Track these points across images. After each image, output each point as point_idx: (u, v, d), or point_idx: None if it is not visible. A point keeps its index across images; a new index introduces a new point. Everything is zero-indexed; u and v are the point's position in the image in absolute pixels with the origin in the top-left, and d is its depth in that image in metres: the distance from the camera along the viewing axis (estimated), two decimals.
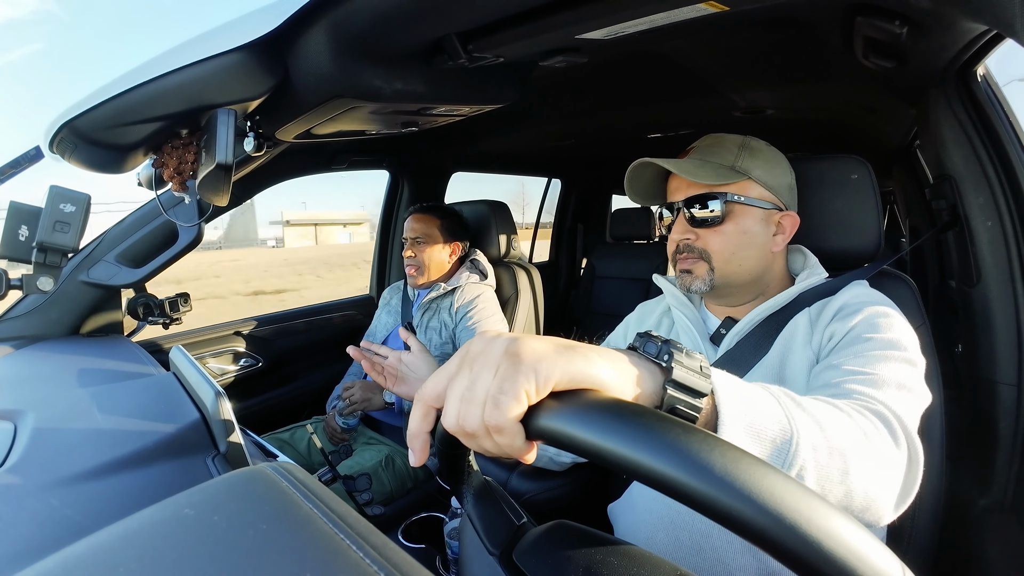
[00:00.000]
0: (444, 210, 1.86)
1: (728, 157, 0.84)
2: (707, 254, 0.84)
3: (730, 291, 0.87)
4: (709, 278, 0.85)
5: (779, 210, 0.86)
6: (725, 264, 0.84)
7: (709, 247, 0.84)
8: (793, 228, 0.86)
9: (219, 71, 0.74)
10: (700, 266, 0.85)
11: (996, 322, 0.97)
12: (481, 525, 0.51)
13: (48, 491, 0.62)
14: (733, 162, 0.84)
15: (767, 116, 1.71)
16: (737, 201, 0.82)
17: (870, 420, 0.55)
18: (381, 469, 1.52)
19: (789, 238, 0.86)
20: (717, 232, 0.83)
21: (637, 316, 1.06)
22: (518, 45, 0.81)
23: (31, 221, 0.97)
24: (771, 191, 0.85)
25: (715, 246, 0.84)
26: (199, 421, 0.80)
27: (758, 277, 0.86)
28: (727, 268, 0.84)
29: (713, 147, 0.87)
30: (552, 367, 0.34)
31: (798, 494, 0.29)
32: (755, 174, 0.84)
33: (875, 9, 0.78)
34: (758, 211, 0.84)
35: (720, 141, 0.87)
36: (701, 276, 0.85)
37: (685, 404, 0.39)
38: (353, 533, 0.35)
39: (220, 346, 1.84)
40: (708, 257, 0.84)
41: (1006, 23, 0.56)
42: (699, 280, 0.85)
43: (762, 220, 0.84)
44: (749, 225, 0.83)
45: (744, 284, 0.86)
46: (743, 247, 0.83)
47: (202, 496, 0.39)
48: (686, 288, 0.88)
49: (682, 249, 0.87)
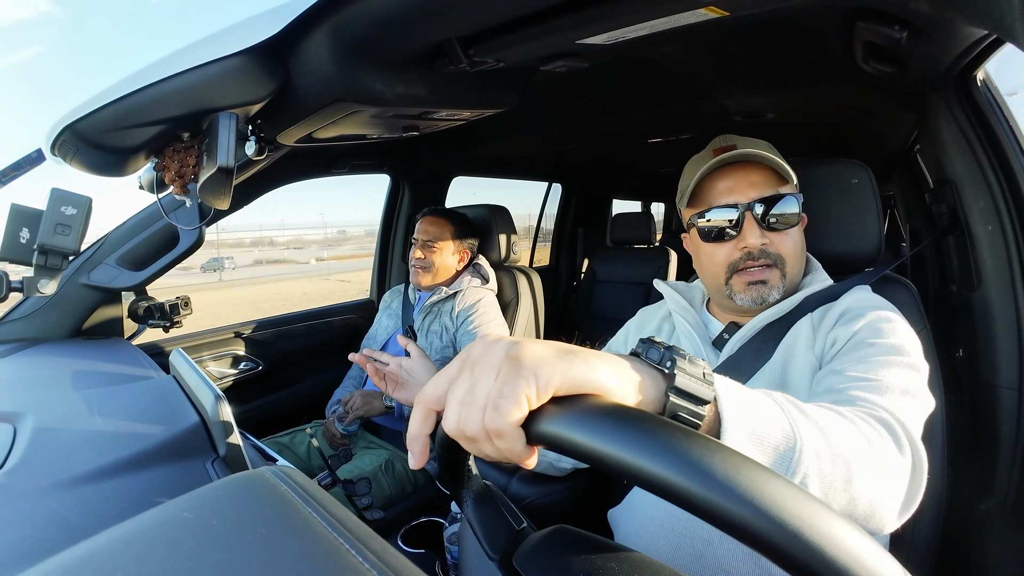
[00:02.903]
0: (456, 215, 1.88)
1: (775, 158, 0.80)
2: (781, 260, 0.80)
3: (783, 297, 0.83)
4: (781, 285, 0.80)
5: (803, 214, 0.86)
6: (793, 269, 0.81)
7: (783, 252, 0.80)
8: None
9: (221, 75, 0.75)
10: (773, 274, 0.80)
11: (997, 326, 0.97)
12: (481, 530, 0.51)
13: (47, 494, 0.62)
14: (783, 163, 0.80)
15: (767, 120, 1.71)
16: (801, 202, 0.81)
17: (874, 427, 0.54)
18: (381, 473, 1.52)
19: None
20: (788, 235, 0.80)
21: (638, 321, 1.06)
22: (519, 49, 0.81)
23: (32, 223, 0.98)
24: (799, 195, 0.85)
25: (788, 250, 0.80)
26: (199, 424, 0.80)
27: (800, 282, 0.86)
28: (793, 272, 0.81)
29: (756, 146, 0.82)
30: (553, 371, 0.34)
31: (801, 500, 0.29)
32: (793, 178, 0.84)
33: (875, 14, 0.78)
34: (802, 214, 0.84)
35: (754, 142, 0.83)
36: (775, 285, 0.80)
37: (687, 411, 0.38)
38: (352, 538, 0.35)
39: (220, 349, 1.84)
40: (782, 263, 0.80)
41: (1006, 28, 0.56)
42: (775, 290, 0.80)
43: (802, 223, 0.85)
44: (801, 229, 0.83)
45: (791, 291, 0.84)
46: (802, 250, 0.83)
47: (201, 500, 0.39)
48: (761, 301, 0.80)
49: (756, 256, 0.79)
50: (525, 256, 3.66)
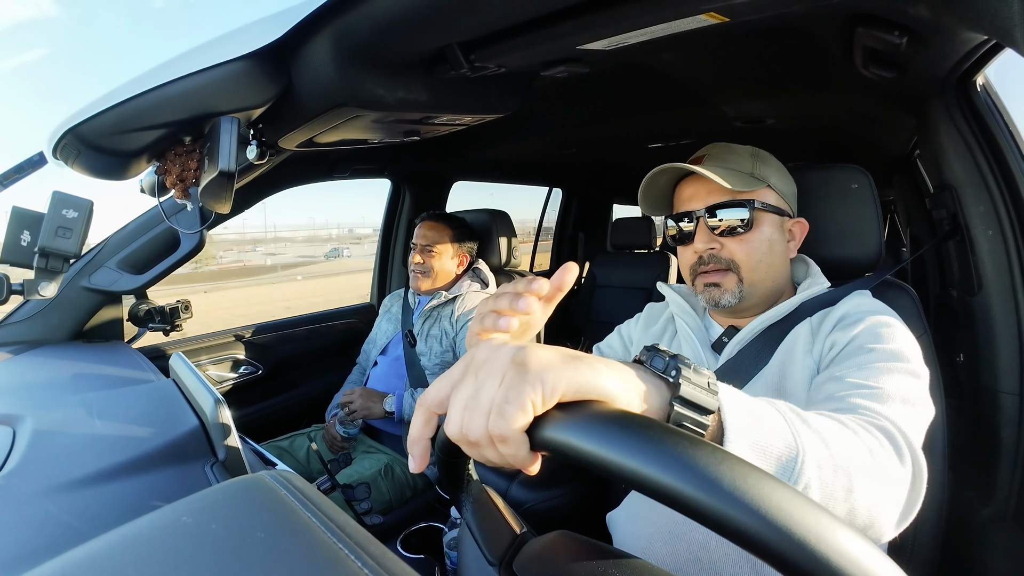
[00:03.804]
0: (455, 219, 1.89)
1: (745, 164, 0.84)
2: (735, 264, 0.82)
3: (753, 302, 0.85)
4: (738, 290, 0.82)
5: (790, 217, 0.87)
6: (752, 274, 0.82)
7: (736, 257, 0.82)
8: (803, 235, 0.88)
9: (223, 79, 0.75)
10: (728, 278, 0.83)
11: (997, 331, 0.97)
12: (481, 535, 0.51)
13: (46, 496, 0.62)
14: (751, 169, 0.84)
15: (768, 126, 1.71)
16: (761, 208, 0.82)
17: (875, 437, 0.54)
18: (380, 478, 1.51)
19: (799, 245, 0.88)
20: (743, 240, 0.82)
21: (645, 316, 1.05)
22: (520, 55, 0.81)
23: (33, 226, 0.98)
24: (784, 198, 0.87)
25: (742, 255, 0.82)
26: (198, 428, 0.80)
27: (780, 285, 0.86)
28: (754, 277, 0.83)
29: (725, 155, 0.86)
30: (559, 377, 0.34)
31: (806, 509, 0.29)
32: (772, 181, 0.85)
33: (875, 19, 0.78)
34: (776, 218, 0.85)
35: (731, 149, 0.87)
36: (730, 289, 0.83)
37: (692, 421, 0.38)
38: (351, 542, 0.35)
39: (220, 353, 1.84)
40: (736, 268, 0.82)
41: (1005, 33, 0.56)
42: (728, 294, 0.83)
43: (779, 227, 0.85)
44: (771, 232, 0.83)
45: (767, 293, 0.85)
46: (767, 255, 0.83)
47: (200, 504, 0.38)
48: (714, 303, 0.84)
49: (707, 260, 0.84)
50: (525, 261, 3.66)
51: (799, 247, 0.88)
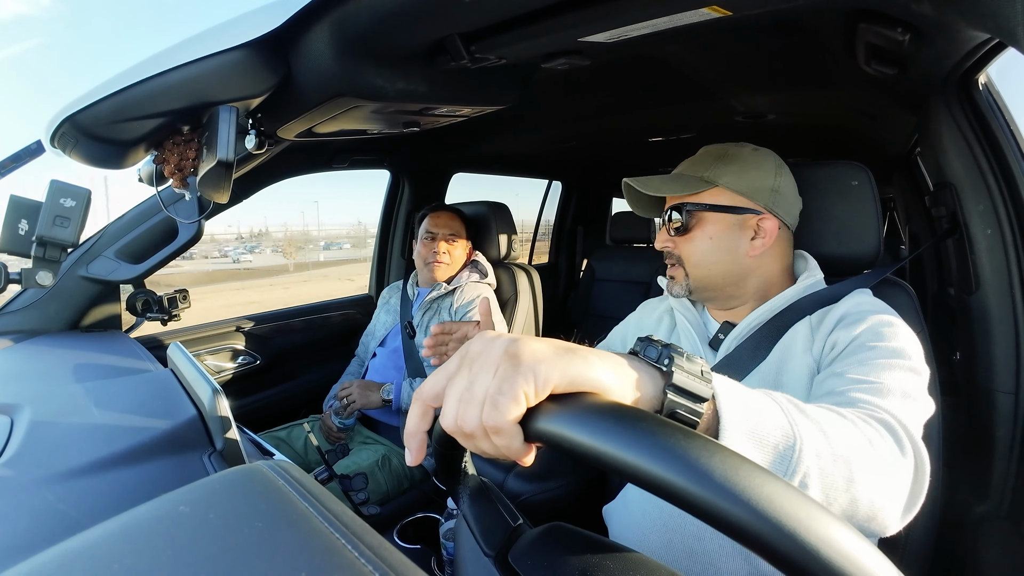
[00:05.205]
0: (464, 212, 1.92)
1: (700, 168, 0.88)
2: (681, 260, 0.90)
3: (711, 295, 0.90)
4: (686, 283, 0.90)
5: (755, 214, 0.85)
6: (695, 269, 0.88)
7: (682, 253, 0.89)
8: (774, 231, 0.85)
9: (222, 68, 0.74)
10: (678, 271, 0.91)
11: (994, 330, 0.97)
12: (477, 526, 0.51)
13: (44, 486, 0.62)
14: (703, 172, 0.87)
15: (768, 121, 1.71)
16: (700, 209, 0.86)
17: (875, 428, 0.54)
18: (377, 469, 1.52)
19: (771, 241, 0.85)
20: (687, 239, 0.88)
21: (638, 314, 1.07)
22: (520, 47, 0.81)
23: (31, 215, 0.97)
24: (746, 196, 0.84)
25: (686, 252, 0.89)
26: (196, 418, 0.80)
27: (735, 281, 0.87)
28: (698, 272, 0.88)
29: (695, 160, 0.91)
30: (551, 369, 0.34)
31: (797, 501, 0.29)
32: (723, 181, 0.85)
33: (878, 16, 0.78)
34: (728, 217, 0.85)
35: (706, 153, 0.91)
36: (679, 281, 0.91)
37: (685, 409, 0.38)
38: (348, 533, 0.35)
39: (218, 343, 1.84)
40: (682, 263, 0.90)
41: (1008, 32, 0.56)
42: (678, 285, 0.91)
43: (733, 226, 0.85)
44: (715, 231, 0.86)
45: (721, 287, 0.88)
46: (711, 252, 0.86)
47: (198, 493, 0.39)
48: (670, 292, 0.94)
49: (664, 255, 0.93)
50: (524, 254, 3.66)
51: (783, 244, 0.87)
